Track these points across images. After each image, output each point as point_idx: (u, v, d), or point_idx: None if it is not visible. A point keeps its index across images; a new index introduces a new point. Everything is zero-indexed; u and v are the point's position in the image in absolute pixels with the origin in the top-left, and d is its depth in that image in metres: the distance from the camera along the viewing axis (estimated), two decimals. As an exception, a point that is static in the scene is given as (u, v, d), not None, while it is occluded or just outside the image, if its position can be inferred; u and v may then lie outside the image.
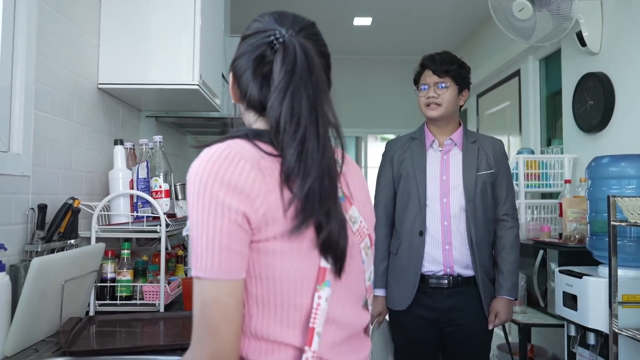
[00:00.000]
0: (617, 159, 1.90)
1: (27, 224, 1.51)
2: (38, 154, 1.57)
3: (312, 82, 0.84)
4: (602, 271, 1.87)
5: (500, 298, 1.98)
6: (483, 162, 2.03)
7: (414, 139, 2.12)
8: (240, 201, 0.76)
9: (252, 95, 0.89)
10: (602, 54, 2.61)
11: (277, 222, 0.79)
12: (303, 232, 0.80)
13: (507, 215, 2.04)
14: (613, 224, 1.70)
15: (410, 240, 2.00)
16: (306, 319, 0.82)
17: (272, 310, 0.81)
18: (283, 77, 0.83)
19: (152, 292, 1.78)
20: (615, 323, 1.69)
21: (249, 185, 0.77)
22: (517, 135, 3.91)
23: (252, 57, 0.89)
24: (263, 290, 0.80)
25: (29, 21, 1.51)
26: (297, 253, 0.80)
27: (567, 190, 2.61)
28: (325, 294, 0.82)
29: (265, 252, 0.79)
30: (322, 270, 0.82)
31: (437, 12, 4.34)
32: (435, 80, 2.05)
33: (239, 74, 0.90)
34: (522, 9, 2.59)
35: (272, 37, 0.88)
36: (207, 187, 0.76)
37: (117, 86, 2.03)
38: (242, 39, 0.92)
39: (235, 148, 0.80)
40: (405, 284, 1.99)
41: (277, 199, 0.79)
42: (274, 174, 0.80)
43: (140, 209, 1.84)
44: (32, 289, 1.27)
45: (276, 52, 0.86)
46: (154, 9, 2.01)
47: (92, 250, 1.60)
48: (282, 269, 0.80)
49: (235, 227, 0.76)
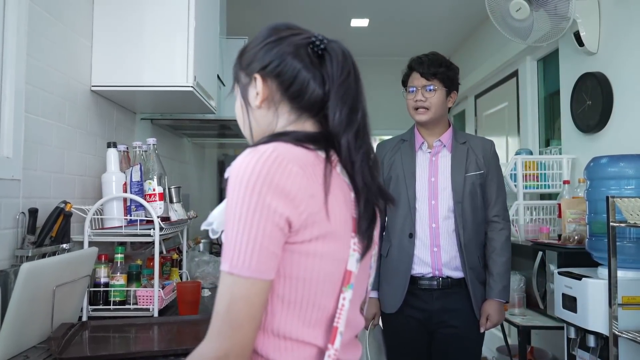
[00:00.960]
0: (616, 159, 1.89)
1: (18, 228, 1.49)
2: (29, 158, 1.55)
3: (360, 86, 0.92)
4: (602, 273, 1.85)
5: (491, 300, 1.97)
6: (472, 163, 2.02)
7: (405, 141, 2.12)
8: (285, 205, 0.78)
9: (314, 94, 0.90)
10: (600, 54, 2.60)
11: (316, 225, 0.81)
12: (339, 233, 0.83)
13: (498, 217, 2.03)
14: (612, 225, 1.68)
15: (400, 243, 2.00)
16: (328, 319, 0.85)
17: (296, 309, 0.83)
18: (345, 79, 0.89)
19: (146, 296, 1.75)
20: (615, 325, 1.67)
21: (295, 190, 0.79)
22: (516, 136, 3.89)
23: (302, 55, 0.90)
24: (291, 290, 0.82)
25: (18, 23, 1.49)
26: (331, 256, 0.83)
27: (565, 191, 2.60)
28: (349, 296, 0.85)
29: (299, 253, 0.81)
30: (348, 273, 0.85)
31: (434, 14, 4.32)
32: (423, 83, 2.03)
33: (288, 73, 0.90)
34: (519, 9, 2.58)
35: (314, 39, 0.92)
36: (255, 189, 0.77)
37: (110, 88, 2.01)
38: (267, 44, 0.92)
39: (283, 151, 0.81)
40: (396, 286, 1.99)
41: (318, 203, 0.81)
42: (318, 178, 0.83)
43: (134, 212, 1.82)
44: (21, 295, 1.25)
45: (323, 53, 0.91)
46: (147, 10, 1.99)
47: (85, 255, 1.58)
48: (314, 270, 0.82)
49: (276, 230, 0.78)
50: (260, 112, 0.94)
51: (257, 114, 0.94)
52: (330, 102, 0.89)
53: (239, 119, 0.99)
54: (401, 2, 4.11)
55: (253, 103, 0.94)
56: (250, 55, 0.94)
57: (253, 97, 0.94)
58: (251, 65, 0.94)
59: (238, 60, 0.98)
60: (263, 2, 4.02)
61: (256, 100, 0.93)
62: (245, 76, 0.95)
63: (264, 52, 0.92)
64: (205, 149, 4.21)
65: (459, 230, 1.95)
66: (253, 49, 0.94)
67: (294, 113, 0.92)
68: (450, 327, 1.96)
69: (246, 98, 0.95)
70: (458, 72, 2.09)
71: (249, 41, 0.98)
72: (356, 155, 0.88)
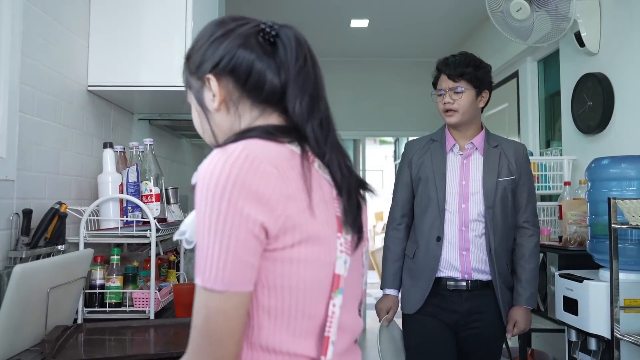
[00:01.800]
0: (618, 160, 1.87)
1: (11, 229, 1.47)
2: (23, 158, 1.53)
3: (319, 73, 0.86)
4: (603, 275, 1.83)
5: (519, 307, 1.94)
6: (504, 168, 1.97)
7: (435, 141, 2.06)
8: (259, 210, 0.72)
9: (272, 85, 0.83)
10: (600, 54, 2.58)
11: (297, 229, 0.75)
12: (323, 236, 0.78)
13: (528, 223, 1.98)
14: (614, 226, 1.66)
15: (427, 245, 1.96)
16: (319, 327, 0.79)
17: (285, 320, 0.77)
18: (302, 66, 0.83)
19: (142, 298, 1.74)
20: (617, 328, 1.65)
21: (269, 192, 0.73)
22: (516, 137, 3.88)
23: (253, 45, 0.84)
24: (277, 301, 0.76)
25: (13, 21, 1.47)
26: (317, 260, 0.78)
27: (566, 192, 2.58)
28: (339, 302, 0.80)
29: (282, 261, 0.75)
30: (337, 276, 0.80)
31: (434, 14, 4.31)
32: (450, 85, 1.98)
33: (242, 67, 0.83)
34: (519, 9, 2.56)
35: (263, 26, 0.85)
36: (225, 194, 0.71)
37: (107, 88, 2.00)
38: (215, 41, 0.86)
39: (254, 150, 0.75)
40: (419, 287, 1.96)
41: (298, 205, 0.76)
42: (295, 177, 0.77)
43: (130, 213, 1.80)
44: (14, 297, 1.23)
45: (275, 40, 0.84)
46: (145, 10, 1.97)
47: (80, 256, 1.56)
48: (300, 277, 0.76)
49: (251, 238, 0.72)
50: (220, 115, 0.87)
51: (218, 118, 0.87)
52: (289, 91, 0.83)
53: (198, 127, 0.92)
54: (401, 3, 4.09)
55: (211, 107, 0.87)
56: (198, 56, 0.87)
57: (209, 100, 0.87)
58: (201, 66, 0.87)
59: (186, 64, 0.91)
60: (261, 3, 4.01)
61: (214, 103, 0.86)
62: (197, 80, 0.88)
63: (213, 50, 0.85)
64: (204, 149, 4.19)
65: (489, 235, 1.92)
66: (200, 49, 0.87)
67: (256, 109, 0.86)
68: (477, 329, 1.93)
69: (202, 103, 0.88)
70: (490, 71, 2.04)
71: (193, 41, 0.91)
72: (325, 146, 0.83)
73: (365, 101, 5.41)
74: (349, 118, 5.40)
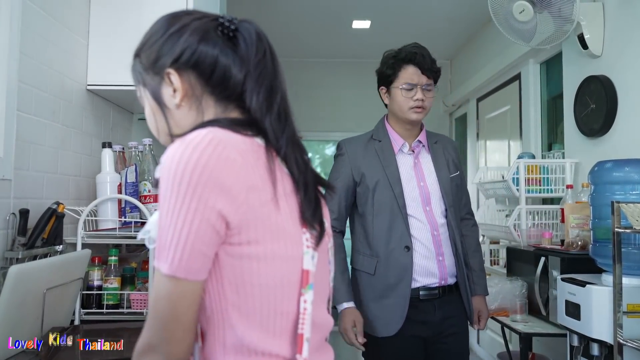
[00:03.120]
0: (621, 163, 1.85)
1: (8, 229, 1.45)
2: (21, 157, 1.52)
3: (278, 67, 0.85)
4: (606, 279, 1.81)
5: (479, 297, 1.93)
6: (451, 164, 1.90)
7: (378, 141, 1.89)
8: (219, 197, 0.70)
9: (236, 80, 0.82)
10: (604, 57, 2.56)
11: (260, 222, 0.74)
12: (288, 230, 0.77)
13: (469, 213, 2.02)
14: (617, 230, 1.64)
15: (391, 257, 1.79)
16: (292, 325, 0.78)
17: (257, 319, 0.75)
18: (261, 59, 0.82)
19: (139, 300, 1.72)
20: (620, 333, 1.63)
21: (232, 180, 0.71)
22: (518, 139, 3.86)
23: (214, 39, 0.82)
24: (247, 298, 0.75)
25: (11, 19, 1.46)
26: (283, 255, 0.76)
27: (569, 195, 2.55)
28: (310, 298, 0.78)
29: (249, 257, 0.74)
30: (305, 272, 0.78)
31: (436, 16, 4.29)
32: (424, 81, 1.84)
33: (206, 62, 0.81)
34: (522, 10, 2.54)
35: (222, 20, 0.84)
36: (185, 177, 0.69)
37: (106, 87, 1.99)
38: (172, 35, 0.83)
39: (219, 135, 0.73)
40: (393, 306, 1.78)
41: (261, 197, 0.74)
42: (259, 169, 0.75)
43: (129, 213, 1.79)
44: (10, 298, 1.21)
45: (235, 34, 0.83)
46: (145, 9, 1.96)
47: (77, 257, 1.54)
48: (268, 273, 0.75)
49: (206, 227, 0.70)
50: (181, 111, 0.83)
51: (178, 115, 0.83)
52: (247, 85, 0.81)
53: (152, 126, 0.88)
54: (403, 5, 4.08)
55: (171, 103, 0.83)
56: (154, 50, 0.84)
57: (169, 96, 0.83)
58: (159, 61, 0.83)
59: (136, 61, 0.87)
60: (263, 4, 3.99)
61: (174, 99, 0.83)
62: (153, 76, 0.84)
63: (171, 44, 0.82)
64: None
65: (453, 235, 1.84)
66: (155, 44, 0.84)
67: (220, 105, 0.83)
68: (449, 336, 1.85)
69: (160, 100, 0.84)
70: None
71: (144, 37, 0.87)
72: (282, 140, 0.81)
73: (366, 102, 5.36)
74: (351, 119, 5.38)
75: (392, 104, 1.90)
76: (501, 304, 2.43)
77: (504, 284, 2.47)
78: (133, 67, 0.88)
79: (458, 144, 2.07)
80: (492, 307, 2.43)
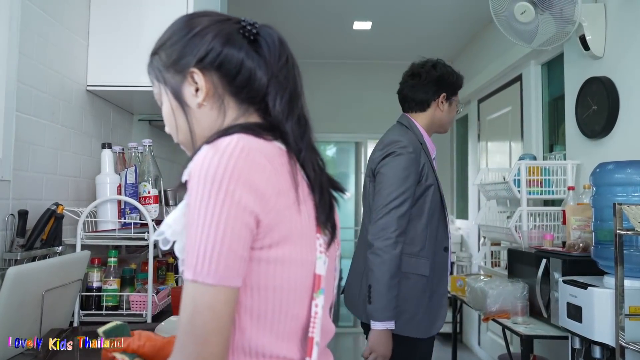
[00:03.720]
0: (623, 165, 1.84)
1: (6, 230, 1.44)
2: (20, 158, 1.51)
3: (298, 72, 0.87)
4: (608, 281, 1.80)
5: None
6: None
7: (422, 144, 1.92)
8: (255, 201, 0.71)
9: (261, 83, 0.83)
10: (606, 58, 2.55)
11: (282, 225, 0.75)
12: (305, 234, 0.78)
13: None
14: (619, 232, 1.63)
15: (437, 258, 1.87)
16: (302, 329, 0.78)
17: (268, 322, 0.75)
18: (284, 64, 0.84)
19: (139, 301, 1.71)
20: (622, 336, 1.62)
21: (264, 184, 0.72)
22: (519, 141, 3.85)
23: (238, 42, 0.83)
24: (260, 302, 0.75)
25: (11, 19, 1.45)
26: (299, 259, 0.77)
27: (570, 197, 2.54)
28: (321, 302, 0.79)
29: (267, 261, 0.74)
30: (317, 277, 0.79)
31: (438, 17, 4.29)
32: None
33: (232, 63, 0.82)
34: (524, 11, 2.53)
35: (244, 23, 0.85)
36: (223, 184, 0.69)
37: (106, 88, 1.98)
38: (195, 35, 0.83)
39: (248, 142, 0.74)
40: (438, 306, 1.87)
41: (286, 200, 0.75)
42: (285, 173, 0.77)
43: (128, 215, 1.78)
44: (8, 300, 1.21)
45: (256, 37, 0.84)
46: (146, 9, 1.95)
47: (76, 258, 1.54)
48: (283, 277, 0.75)
49: (245, 230, 0.70)
50: (203, 110, 0.84)
51: (200, 114, 0.84)
52: (270, 89, 0.83)
53: (171, 125, 0.88)
54: (404, 5, 4.07)
55: (193, 103, 0.84)
56: (176, 50, 0.84)
57: (191, 95, 0.84)
58: (181, 60, 0.83)
59: (155, 59, 0.87)
60: (264, 5, 3.99)
61: (197, 98, 0.83)
62: (174, 74, 0.85)
63: (195, 44, 0.83)
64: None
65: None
66: (177, 43, 0.84)
67: (241, 107, 0.84)
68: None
69: (181, 98, 0.84)
70: None
71: (164, 36, 0.87)
72: (302, 144, 0.83)
73: (368, 103, 5.38)
74: (351, 120, 5.38)
75: (446, 115, 2.00)
76: (502, 305, 2.42)
77: (505, 286, 2.46)
78: (150, 65, 0.88)
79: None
80: (493, 309, 2.42)
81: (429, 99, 1.96)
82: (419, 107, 1.98)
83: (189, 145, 0.87)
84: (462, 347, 4.62)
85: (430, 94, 1.96)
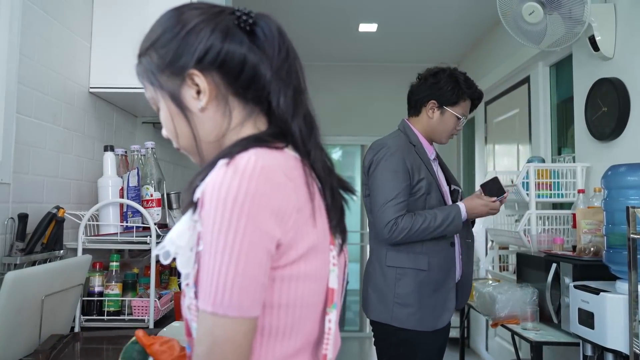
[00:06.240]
0: (635, 167, 1.79)
1: (6, 234, 1.42)
2: (20, 160, 1.49)
3: (300, 65, 0.80)
4: (620, 287, 1.75)
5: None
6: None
7: (413, 145, 1.99)
8: (276, 225, 0.66)
9: (265, 79, 0.75)
10: (615, 59, 2.51)
11: (300, 242, 0.70)
12: (320, 248, 0.74)
13: None
14: (632, 236, 1.59)
15: (440, 253, 1.94)
16: (313, 346, 0.75)
17: (278, 340, 0.71)
18: (285, 57, 0.77)
19: (141, 306, 1.68)
20: (636, 343, 1.58)
21: (285, 204, 0.68)
22: (527, 143, 3.80)
23: (237, 35, 0.75)
24: (272, 320, 0.71)
25: (11, 20, 1.43)
26: (315, 274, 0.73)
27: (580, 200, 2.50)
28: (334, 317, 0.76)
29: (281, 279, 0.70)
30: (331, 291, 0.75)
31: (444, 19, 4.25)
32: (467, 116, 2.09)
33: (234, 60, 0.75)
34: (532, 12, 2.50)
35: (239, 13, 0.77)
36: (244, 210, 0.64)
37: (109, 90, 1.96)
38: (189, 32, 0.76)
39: (268, 160, 0.68)
40: (448, 298, 1.94)
41: (304, 216, 0.71)
42: (302, 185, 0.72)
43: (130, 218, 1.75)
44: (6, 305, 1.18)
45: (253, 28, 0.77)
46: (149, 11, 1.92)
47: (77, 263, 1.51)
48: (298, 293, 0.71)
49: (266, 257, 0.66)
50: (207, 114, 0.77)
51: (203, 118, 0.77)
52: (273, 85, 0.76)
53: (170, 131, 0.80)
54: (410, 7, 4.04)
55: (194, 106, 0.77)
56: (171, 49, 0.76)
57: (192, 99, 0.77)
58: (178, 61, 0.75)
59: (145, 59, 0.79)
60: (267, 5, 3.97)
61: (199, 101, 0.76)
62: (171, 77, 0.77)
63: (192, 42, 0.75)
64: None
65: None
66: (171, 42, 0.76)
67: (247, 108, 0.78)
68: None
69: (181, 103, 0.77)
70: None
71: (153, 34, 0.79)
72: (310, 144, 0.77)
73: (373, 106, 5.35)
74: (357, 123, 5.34)
75: (438, 124, 2.02)
76: (511, 311, 2.37)
77: (514, 291, 2.42)
78: (140, 66, 0.80)
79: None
80: (502, 315, 2.38)
81: (418, 104, 2.04)
82: (413, 111, 2.08)
83: (193, 151, 0.80)
84: (469, 352, 4.56)
85: (420, 99, 2.03)
